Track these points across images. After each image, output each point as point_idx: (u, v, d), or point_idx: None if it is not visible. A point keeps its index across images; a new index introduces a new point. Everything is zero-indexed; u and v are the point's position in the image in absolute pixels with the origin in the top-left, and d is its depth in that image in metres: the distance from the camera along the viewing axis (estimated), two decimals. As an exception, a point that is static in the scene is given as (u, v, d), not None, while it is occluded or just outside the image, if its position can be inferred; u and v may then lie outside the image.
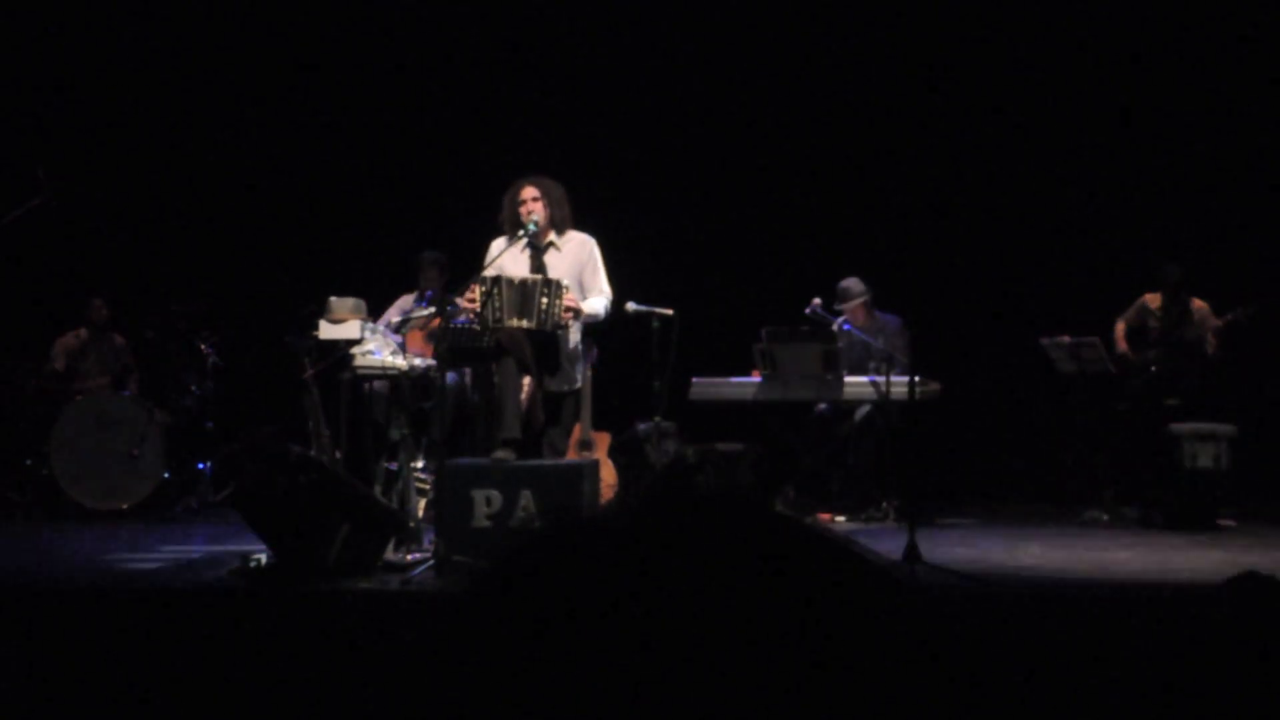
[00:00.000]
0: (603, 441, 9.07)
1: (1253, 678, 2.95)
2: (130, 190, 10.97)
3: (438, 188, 10.81)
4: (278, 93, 11.01)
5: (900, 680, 0.88)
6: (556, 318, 7.18)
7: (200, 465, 9.77)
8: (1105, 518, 9.19)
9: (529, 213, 7.39)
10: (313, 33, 10.98)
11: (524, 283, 7.22)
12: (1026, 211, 10.50)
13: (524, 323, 7.15)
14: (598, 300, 7.51)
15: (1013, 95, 10.52)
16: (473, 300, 7.19)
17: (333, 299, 7.96)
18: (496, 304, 7.15)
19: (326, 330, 7.84)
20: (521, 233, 7.40)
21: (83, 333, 10.15)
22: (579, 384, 7.61)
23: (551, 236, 7.52)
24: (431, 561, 6.72)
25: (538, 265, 7.46)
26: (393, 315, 8.96)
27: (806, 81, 10.75)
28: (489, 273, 7.28)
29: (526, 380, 7.24)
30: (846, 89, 10.69)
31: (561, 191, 7.51)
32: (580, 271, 7.49)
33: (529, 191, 7.44)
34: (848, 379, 9.11)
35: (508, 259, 7.43)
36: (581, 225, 7.66)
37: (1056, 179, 10.51)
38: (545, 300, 7.15)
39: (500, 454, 7.06)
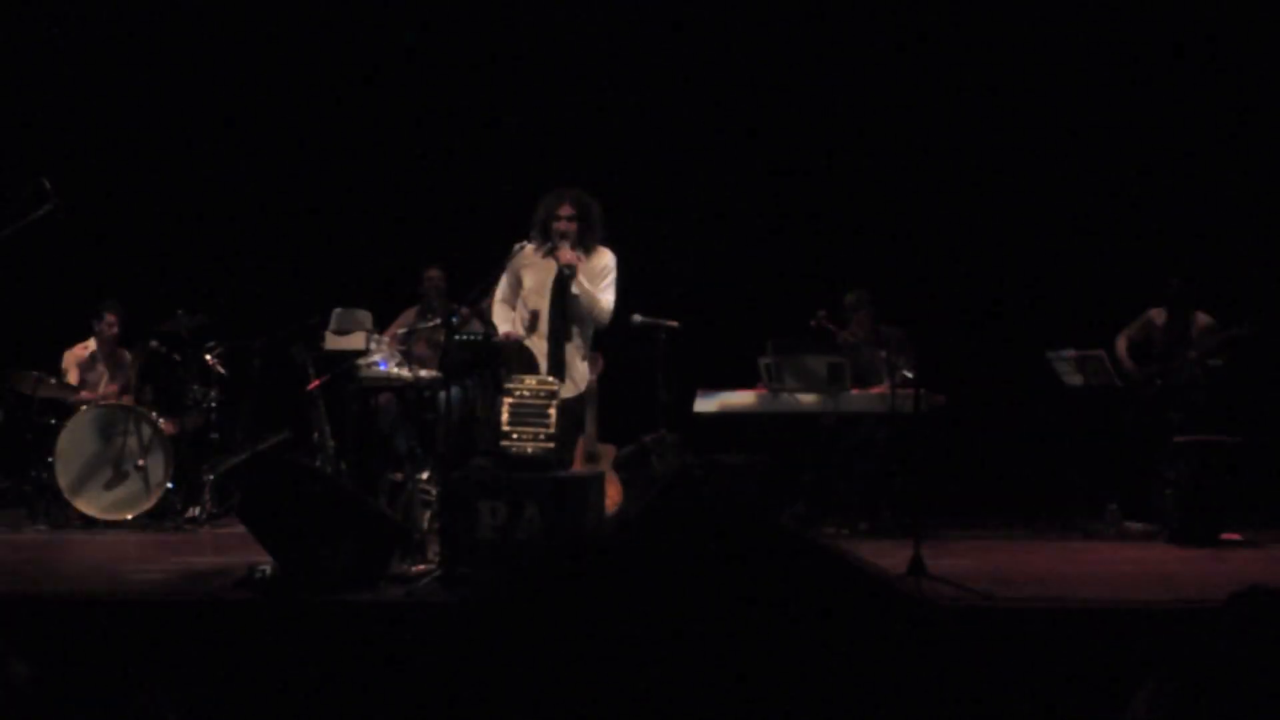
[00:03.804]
0: (608, 454, 9.08)
1: (1256, 694, 2.95)
2: (137, 201, 10.99)
3: (444, 201, 10.82)
4: (285, 105, 11.03)
5: (904, 692, 0.89)
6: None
7: (206, 476, 9.78)
8: (1110, 531, 9.19)
9: (562, 232, 7.41)
10: (320, 45, 11.00)
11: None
12: (1032, 224, 10.50)
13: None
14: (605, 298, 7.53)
15: (1018, 107, 10.53)
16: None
17: (338, 311, 7.97)
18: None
19: (332, 342, 7.86)
20: (561, 269, 7.42)
21: (91, 344, 10.16)
22: (581, 390, 7.62)
23: (578, 257, 7.53)
24: (436, 573, 6.73)
25: (559, 286, 7.48)
26: (397, 329, 8.98)
27: (812, 92, 10.76)
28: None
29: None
30: (852, 101, 10.70)
31: (598, 209, 7.52)
32: (592, 280, 7.52)
33: (566, 210, 7.43)
34: (852, 391, 9.12)
35: (531, 269, 7.44)
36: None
37: (1062, 192, 10.51)
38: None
39: None
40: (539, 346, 7.48)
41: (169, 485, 9.55)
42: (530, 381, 7.16)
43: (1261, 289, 9.84)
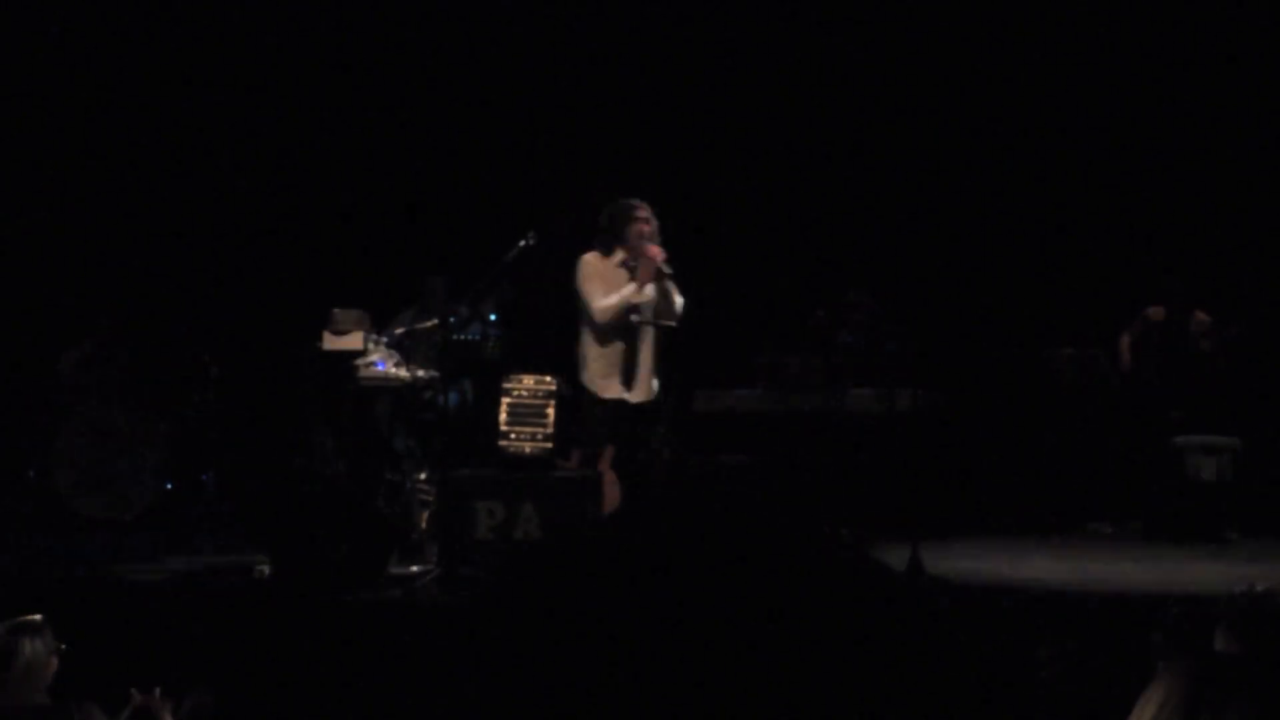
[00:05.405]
0: (606, 453, 9.06)
1: (1254, 693, 2.95)
2: (135, 201, 10.97)
3: (443, 202, 10.81)
4: (283, 104, 11.02)
5: (905, 686, 0.89)
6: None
7: (203, 476, 9.76)
8: (1109, 531, 9.19)
9: (649, 232, 7.39)
10: (320, 48, 10.99)
11: None
12: (1030, 223, 10.50)
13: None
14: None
15: (1017, 105, 10.52)
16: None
17: (336, 310, 7.96)
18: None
19: (330, 342, 7.85)
20: (660, 268, 7.38)
21: (87, 345, 10.15)
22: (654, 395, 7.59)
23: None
24: (434, 573, 6.72)
25: (661, 290, 7.49)
26: (395, 329, 8.96)
27: (810, 91, 10.75)
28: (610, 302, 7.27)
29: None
30: (851, 100, 10.69)
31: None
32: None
33: (643, 211, 7.42)
34: (851, 390, 9.11)
35: (603, 280, 7.39)
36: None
37: (1060, 191, 10.51)
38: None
39: None
40: (612, 358, 7.41)
41: (167, 486, 9.54)
42: (528, 380, 7.15)
43: (1260, 288, 9.84)
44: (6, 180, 10.76)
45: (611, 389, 7.37)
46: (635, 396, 7.40)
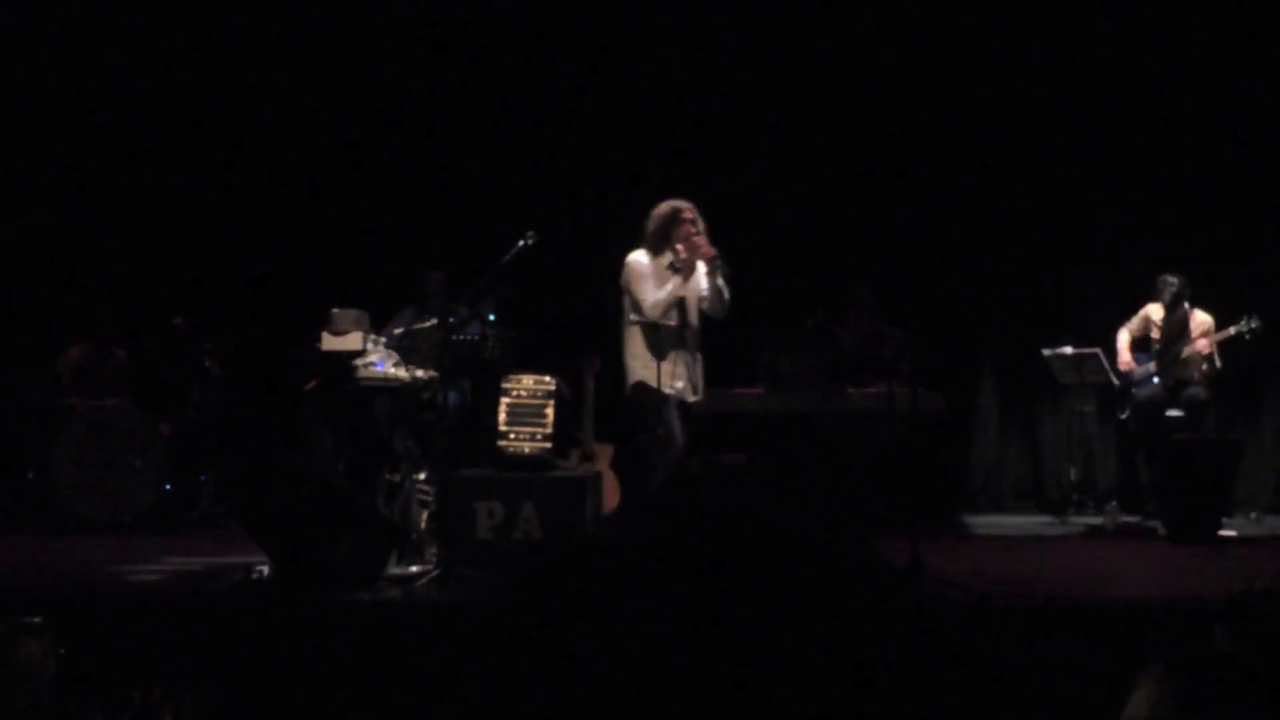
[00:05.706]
0: (605, 453, 9.07)
1: (1255, 693, 2.94)
2: (134, 200, 10.97)
3: (444, 201, 10.80)
4: (282, 103, 11.01)
5: (905, 688, 0.88)
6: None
7: (202, 476, 9.76)
8: (1108, 529, 9.19)
9: (689, 234, 7.38)
10: (318, 48, 10.98)
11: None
12: (1030, 223, 10.50)
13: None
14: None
15: (1016, 104, 10.52)
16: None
17: (335, 311, 7.95)
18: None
19: (329, 342, 7.84)
20: (713, 262, 7.33)
21: (87, 345, 10.14)
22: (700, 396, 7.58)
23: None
24: (434, 573, 6.72)
25: (714, 288, 7.49)
26: (393, 329, 8.96)
27: (810, 90, 10.75)
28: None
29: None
30: (851, 99, 10.69)
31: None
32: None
33: (690, 213, 7.42)
34: (851, 390, 9.11)
35: (663, 282, 7.38)
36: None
37: (1061, 190, 10.51)
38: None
39: None
40: (675, 361, 7.37)
41: (166, 486, 9.54)
42: (528, 380, 7.14)
43: (1259, 288, 9.84)
44: (7, 180, 10.75)
45: (684, 391, 7.38)
46: (696, 396, 7.43)
